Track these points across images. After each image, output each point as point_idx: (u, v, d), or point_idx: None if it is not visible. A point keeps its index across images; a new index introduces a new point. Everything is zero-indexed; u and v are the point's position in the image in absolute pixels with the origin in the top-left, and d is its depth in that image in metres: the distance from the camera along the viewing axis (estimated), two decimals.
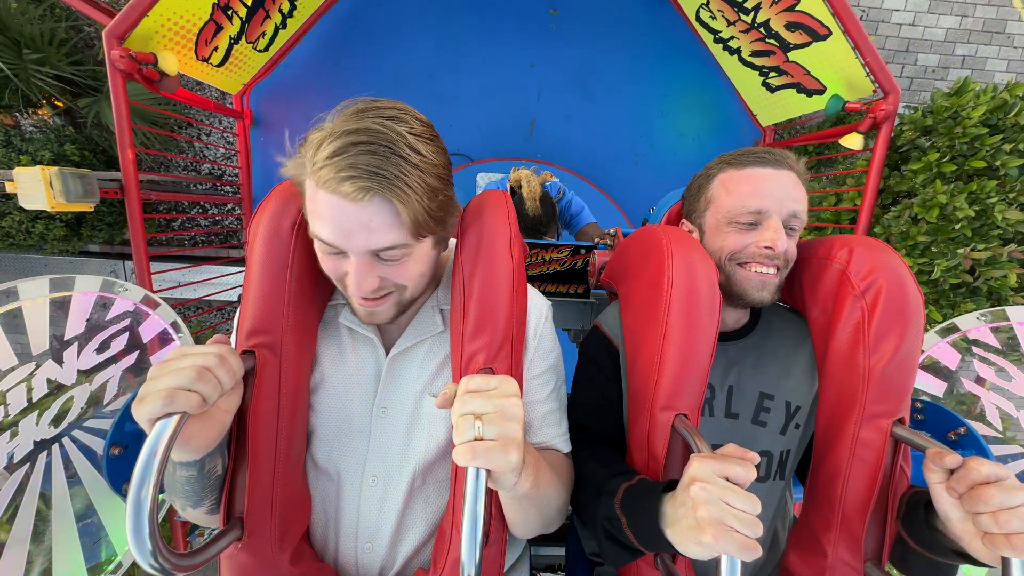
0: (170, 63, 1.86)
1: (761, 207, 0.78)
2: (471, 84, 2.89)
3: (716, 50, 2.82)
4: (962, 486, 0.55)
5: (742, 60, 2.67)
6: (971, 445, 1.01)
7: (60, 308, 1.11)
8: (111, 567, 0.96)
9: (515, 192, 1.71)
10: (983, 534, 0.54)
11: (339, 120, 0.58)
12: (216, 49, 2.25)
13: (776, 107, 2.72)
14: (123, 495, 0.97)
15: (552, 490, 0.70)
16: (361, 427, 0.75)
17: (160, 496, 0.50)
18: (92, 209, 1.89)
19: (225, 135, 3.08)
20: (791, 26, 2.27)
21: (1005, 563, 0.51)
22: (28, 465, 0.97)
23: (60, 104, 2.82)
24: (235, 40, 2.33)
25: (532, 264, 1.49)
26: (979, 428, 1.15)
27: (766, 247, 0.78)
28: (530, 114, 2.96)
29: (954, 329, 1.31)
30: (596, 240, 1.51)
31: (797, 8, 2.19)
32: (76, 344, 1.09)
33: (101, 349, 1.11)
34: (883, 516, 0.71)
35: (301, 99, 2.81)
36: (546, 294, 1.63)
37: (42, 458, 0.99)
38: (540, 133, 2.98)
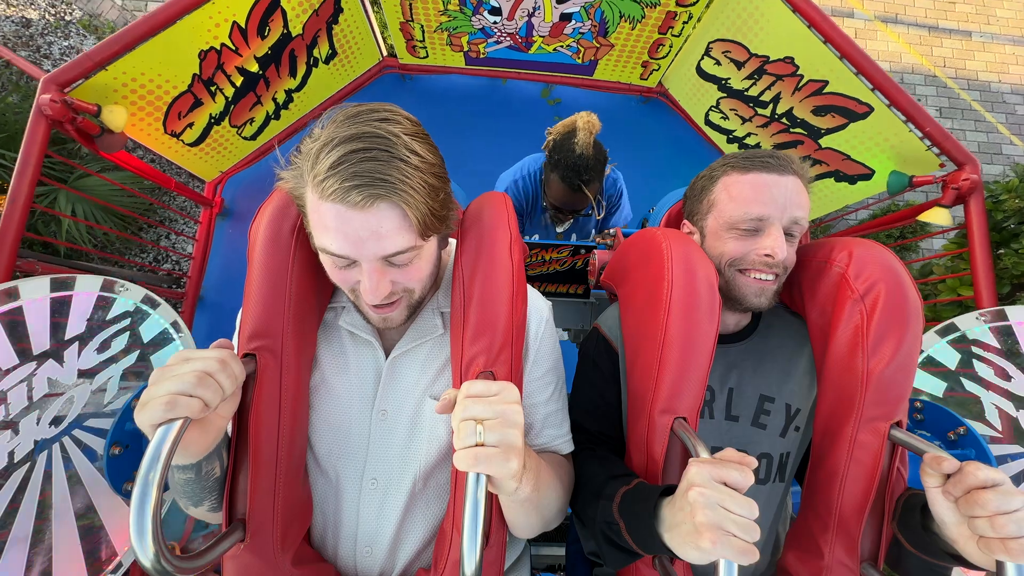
0: (117, 118, 1.55)
1: (763, 214, 0.77)
2: (476, 187, 2.78)
3: (730, 151, 2.52)
4: (959, 490, 0.55)
5: None
6: (971, 445, 1.02)
7: (61, 308, 1.11)
8: (111, 567, 0.96)
9: (557, 146, 1.41)
10: (978, 538, 0.54)
11: (332, 127, 0.57)
12: (191, 126, 1.93)
13: (812, 201, 2.36)
14: (123, 494, 0.98)
15: (553, 492, 0.70)
16: (361, 430, 0.75)
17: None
18: None
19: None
20: (820, 111, 2.02)
21: (1000, 567, 0.51)
22: (28, 465, 0.98)
23: None
24: (216, 120, 2.02)
25: (532, 264, 1.49)
26: (978, 427, 1.15)
27: (766, 255, 0.78)
28: None
29: (953, 329, 1.31)
30: (596, 240, 1.51)
31: (825, 91, 1.95)
32: (77, 344, 1.10)
33: (101, 349, 1.12)
34: (880, 518, 0.71)
35: None
36: (546, 294, 1.63)
37: (42, 458, 0.99)
38: None
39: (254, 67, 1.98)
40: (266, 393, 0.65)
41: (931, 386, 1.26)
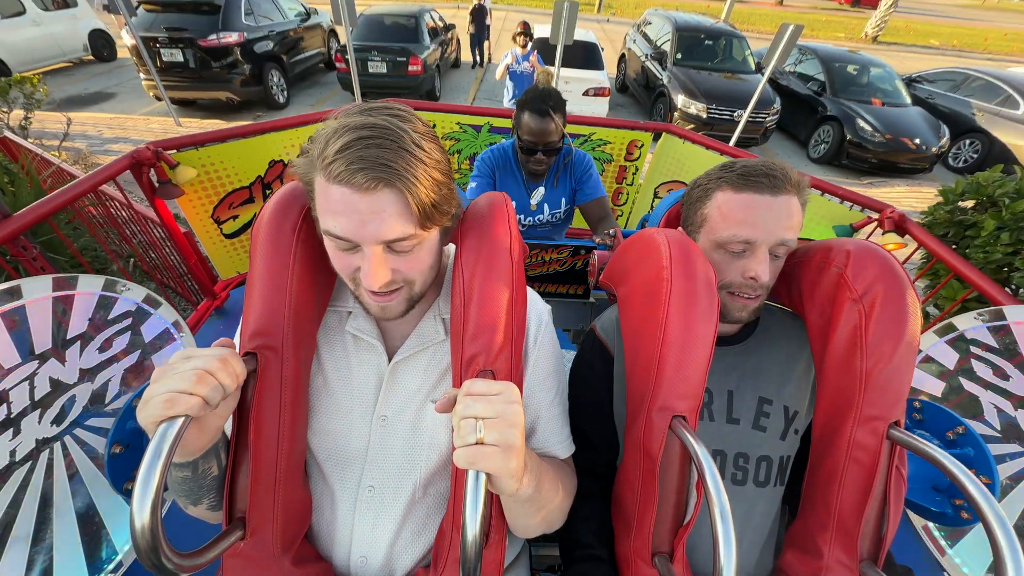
0: (186, 175, 1.84)
1: (751, 237, 0.78)
2: None
3: None
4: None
5: None
6: (970, 444, 1.02)
7: (63, 307, 1.11)
8: (112, 565, 0.96)
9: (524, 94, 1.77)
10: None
11: (344, 117, 0.59)
12: (235, 218, 2.13)
13: None
14: (124, 494, 0.98)
15: (554, 494, 0.70)
16: (360, 435, 0.74)
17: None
18: None
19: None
20: None
21: (997, 567, 0.52)
22: (30, 463, 0.98)
23: None
24: None
25: (532, 264, 1.49)
26: (977, 427, 1.15)
27: (751, 277, 0.79)
28: None
29: (952, 329, 1.31)
30: (597, 240, 1.52)
31: None
32: (78, 343, 1.10)
33: (103, 348, 1.12)
34: (879, 517, 0.71)
35: None
36: (546, 294, 1.64)
37: (44, 456, 1.00)
38: None
39: None
40: (267, 391, 0.66)
41: (930, 386, 1.26)
